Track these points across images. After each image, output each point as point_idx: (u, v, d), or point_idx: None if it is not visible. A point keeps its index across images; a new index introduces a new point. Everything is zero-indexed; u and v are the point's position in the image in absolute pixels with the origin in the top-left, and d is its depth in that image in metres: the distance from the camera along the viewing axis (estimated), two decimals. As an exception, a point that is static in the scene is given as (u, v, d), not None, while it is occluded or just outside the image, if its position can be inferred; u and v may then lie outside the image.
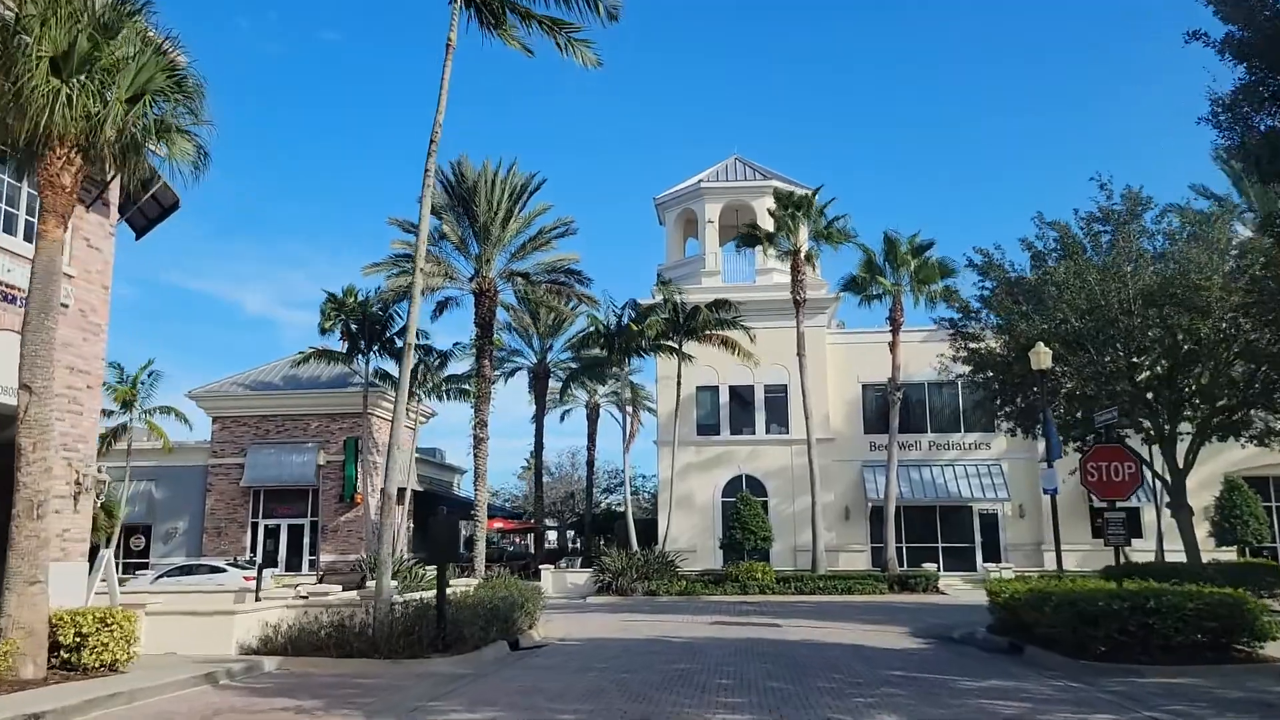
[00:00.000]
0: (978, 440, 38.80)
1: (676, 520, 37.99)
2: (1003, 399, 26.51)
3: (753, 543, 33.19)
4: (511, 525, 43.47)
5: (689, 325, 35.30)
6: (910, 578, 32.10)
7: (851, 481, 38.78)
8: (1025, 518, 37.87)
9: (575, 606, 28.86)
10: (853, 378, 39.54)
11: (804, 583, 31.79)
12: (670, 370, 36.56)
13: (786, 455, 38.65)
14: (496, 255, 34.79)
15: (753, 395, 39.47)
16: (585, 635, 19.72)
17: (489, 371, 34.48)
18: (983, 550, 37.93)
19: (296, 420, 40.11)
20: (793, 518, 38.04)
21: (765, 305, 39.07)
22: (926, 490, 37.65)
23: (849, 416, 39.41)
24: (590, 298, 35.35)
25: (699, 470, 38.95)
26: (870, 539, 38.39)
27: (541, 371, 48.58)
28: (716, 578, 32.72)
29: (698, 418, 39.63)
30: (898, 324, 34.72)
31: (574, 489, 62.07)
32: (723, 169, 42.21)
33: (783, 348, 38.71)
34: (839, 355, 39.58)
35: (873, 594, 31.19)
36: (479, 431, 34.20)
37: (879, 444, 39.03)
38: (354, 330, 36.70)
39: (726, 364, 39.34)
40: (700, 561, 37.62)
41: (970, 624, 19.50)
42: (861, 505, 38.50)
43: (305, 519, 39.77)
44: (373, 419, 40.28)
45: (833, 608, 26.53)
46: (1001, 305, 24.64)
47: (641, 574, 32.51)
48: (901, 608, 26.67)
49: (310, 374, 41.52)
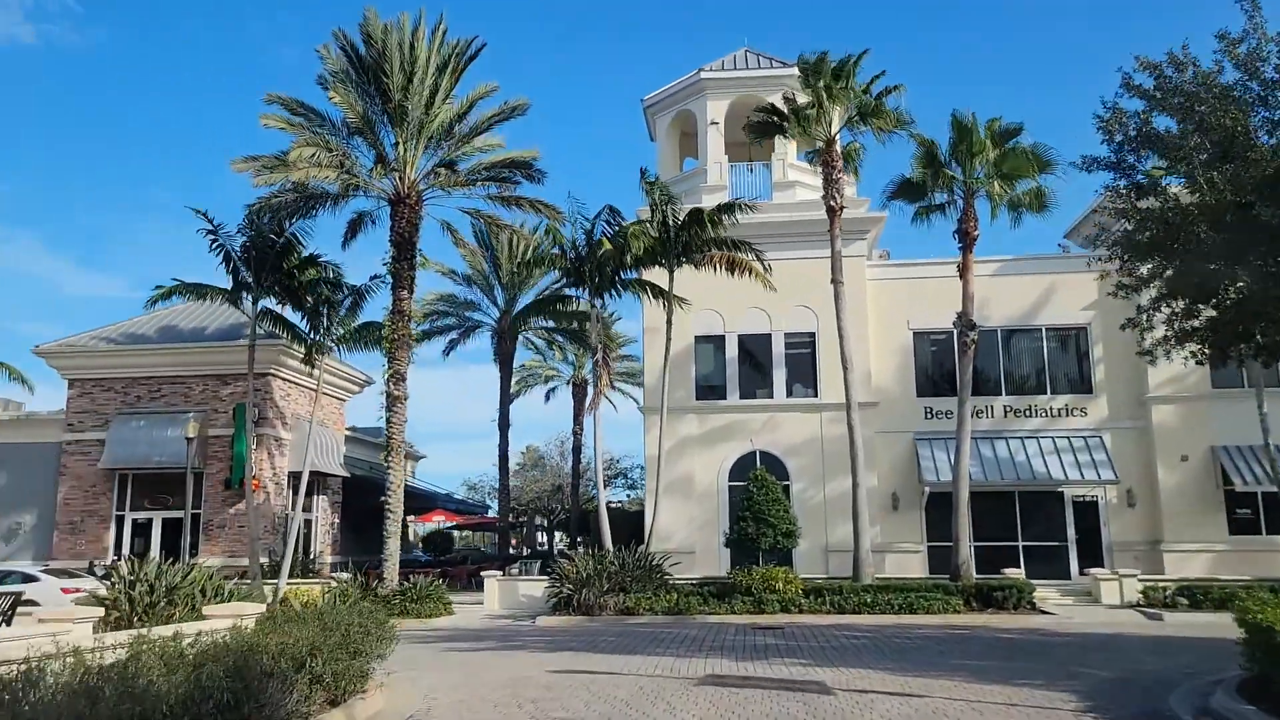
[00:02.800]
0: (1070, 404, 29.25)
1: (668, 511, 28.63)
2: (1195, 300, 16.41)
3: (770, 539, 23.76)
4: (457, 519, 34.25)
5: (685, 240, 25.85)
6: (993, 590, 22.62)
7: (901, 459, 29.30)
8: (1136, 506, 28.30)
9: (505, 635, 19.51)
10: (900, 323, 30.05)
11: (844, 597, 22.37)
12: (658, 318, 27.10)
13: (814, 424, 29.22)
14: (419, 150, 25.44)
15: (769, 347, 30.02)
16: (457, 716, 10.39)
17: (408, 306, 25.18)
18: (1078, 549, 28.39)
19: (175, 384, 30.88)
20: (822, 508, 28.62)
21: (786, 230, 29.66)
22: (1002, 470, 28.13)
23: (897, 374, 29.92)
24: (550, 207, 25.94)
25: (699, 446, 29.56)
26: (926, 535, 28.91)
27: (506, 330, 39.30)
28: (721, 588, 23.40)
29: (697, 377, 30.21)
30: (970, 238, 25.19)
31: (564, 481, 52.81)
32: (730, 60, 32.74)
33: (808, 284, 29.29)
34: (883, 295, 30.10)
35: (945, 613, 21.76)
36: (394, 387, 24.92)
37: (937, 409, 29.54)
38: (239, 259, 27.42)
39: (735, 305, 29.93)
40: (700, 565, 28.26)
41: (1168, 675, 10.77)
42: (914, 491, 29.04)
43: (185, 511, 30.48)
44: (273, 381, 31.01)
45: (901, 641, 17.11)
46: (1215, 121, 14.08)
47: (616, 583, 23.17)
48: (1008, 640, 17.24)
49: (194, 324, 32.29)
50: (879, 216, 29.68)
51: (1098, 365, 29.21)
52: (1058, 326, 29.66)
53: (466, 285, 40.52)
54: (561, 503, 55.85)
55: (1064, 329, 29.70)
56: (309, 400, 33.59)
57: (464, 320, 39.95)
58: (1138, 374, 28.67)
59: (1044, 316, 29.61)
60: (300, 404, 32.95)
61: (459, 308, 38.86)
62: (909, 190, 26.32)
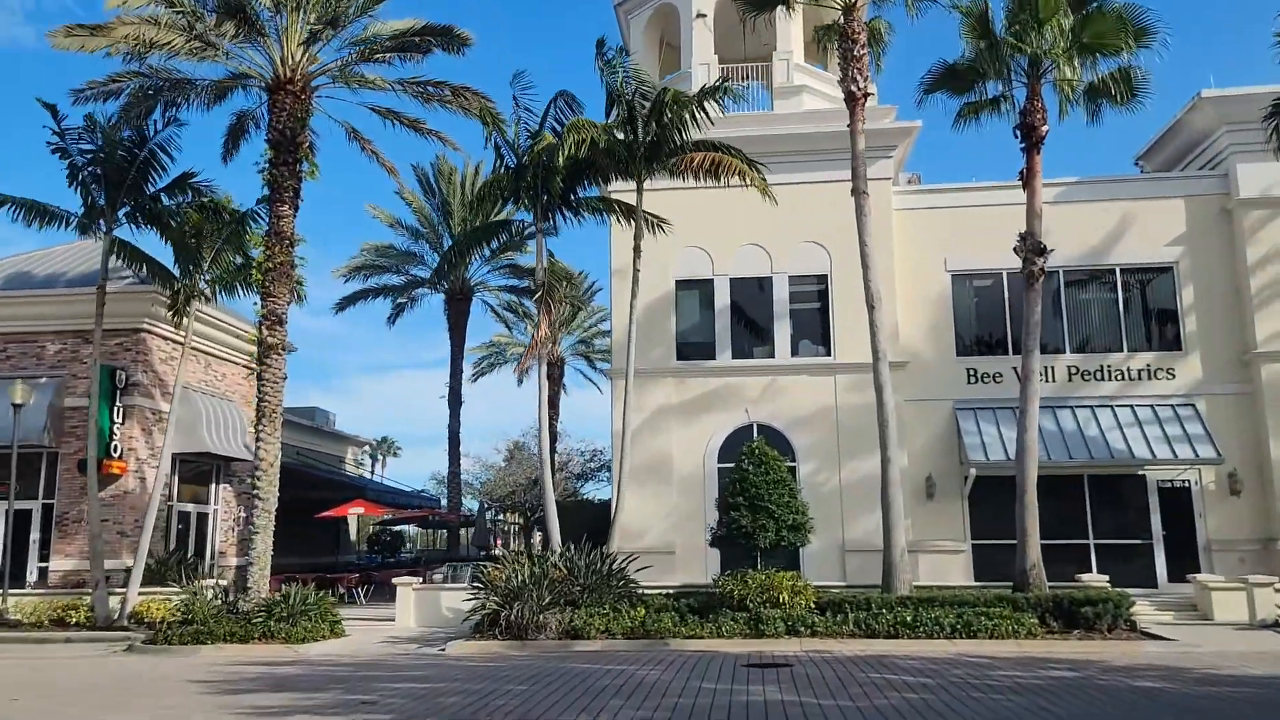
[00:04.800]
0: (1154, 364, 22.96)
1: (639, 501, 22.41)
2: None
3: (772, 534, 17.44)
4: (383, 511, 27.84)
5: (654, 139, 19.51)
6: (1077, 604, 16.33)
7: (937, 435, 23.04)
8: (1241, 494, 22.02)
9: (374, 679, 13.17)
10: (935, 263, 23.78)
11: (873, 614, 16.13)
12: (628, 255, 20.73)
13: (827, 391, 22.97)
14: (307, 16, 19.13)
15: (770, 294, 23.74)
16: None
17: (289, 228, 18.94)
18: (1166, 549, 22.12)
19: (24, 343, 24.59)
20: (837, 496, 22.38)
21: (790, 148, 23.43)
22: (1070, 448, 21.86)
23: (930, 329, 23.65)
24: (481, 96, 19.61)
25: (679, 419, 23.29)
26: (970, 530, 22.66)
27: (459, 289, 33.08)
28: (706, 600, 17.20)
29: (678, 332, 23.93)
30: (1036, 135, 18.86)
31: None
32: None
33: (819, 215, 23.14)
34: (914, 228, 23.83)
35: (1016, 637, 15.52)
36: (268, 332, 18.66)
37: (984, 371, 23.28)
38: (88, 174, 21.20)
39: (727, 241, 23.71)
40: (681, 569, 22.05)
41: None
42: (954, 474, 22.81)
43: (36, 501, 24.24)
44: (149, 339, 24.74)
45: (982, 694, 10.83)
46: None
47: (561, 595, 16.93)
48: (1148, 694, 10.95)
49: (52, 269, 26.03)
50: (909, 127, 23.42)
51: (1188, 315, 22.93)
52: (1136, 266, 23.38)
53: (414, 239, 34.32)
54: (538, 496, 49.56)
55: (1144, 270, 23.42)
56: (208, 368, 27.39)
57: (409, 278, 33.67)
58: (1241, 324, 22.46)
59: (1118, 254, 23.33)
60: (194, 371, 26.67)
61: (399, 260, 32.55)
62: (951, 80, 20.08)
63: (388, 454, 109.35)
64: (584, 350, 44.95)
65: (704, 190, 23.33)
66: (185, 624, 17.16)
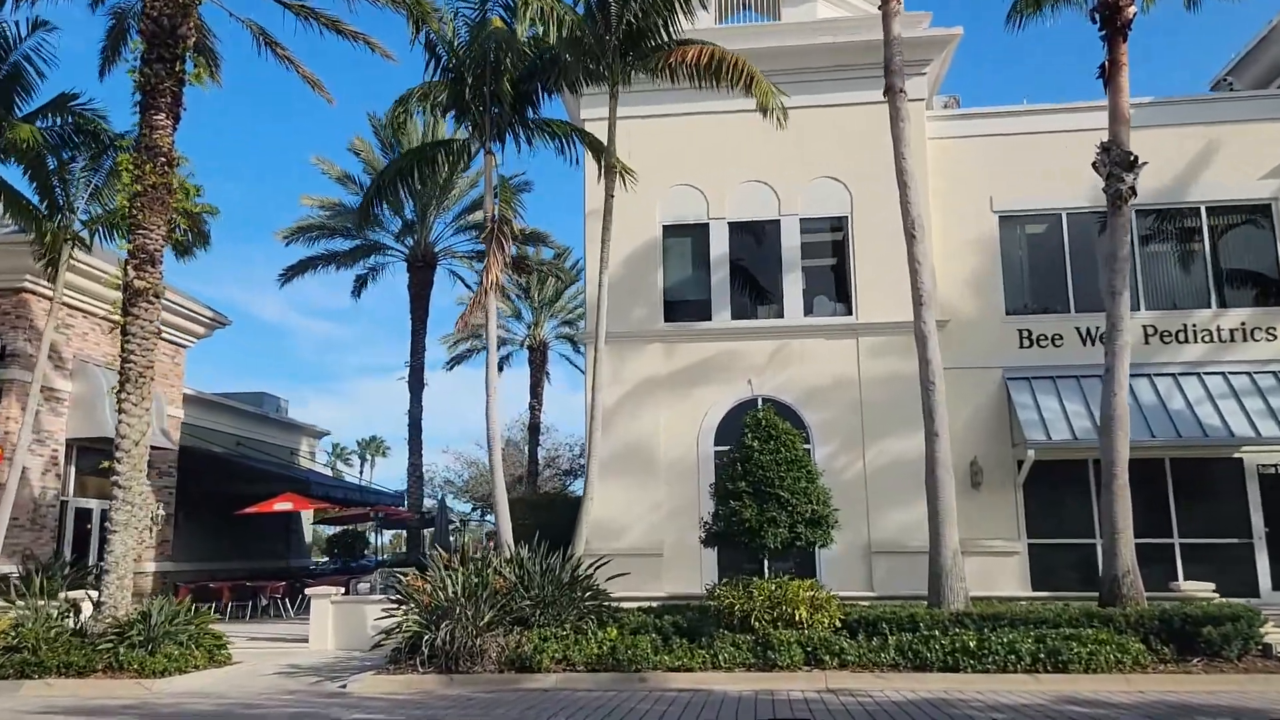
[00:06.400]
0: (1250, 322, 18.75)
1: (617, 492, 18.26)
2: None
3: (785, 530, 13.15)
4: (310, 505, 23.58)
5: (631, 26, 15.24)
6: (1193, 623, 12.10)
7: (983, 410, 18.86)
8: (1363, 481, 17.82)
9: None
10: (979, 203, 19.61)
11: (921, 638, 11.95)
12: (599, 199, 16.46)
13: (847, 357, 18.79)
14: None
15: (778, 241, 19.53)
16: None
17: (166, 142, 14.73)
18: (1269, 549, 17.89)
19: (-123, 304, 20.49)
20: (861, 485, 18.19)
21: (802, 65, 19.26)
22: (1152, 424, 17.62)
23: (972, 282, 19.47)
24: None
25: (669, 391, 19.10)
26: (1025, 528, 18.45)
27: (419, 257, 28.96)
28: (697, 617, 13.01)
29: (666, 288, 19.73)
30: (1121, 20, 14.58)
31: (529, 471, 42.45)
32: None
33: (837, 145, 19.06)
34: (951, 161, 19.66)
35: (1120, 669, 11.33)
36: (136, 274, 14.46)
37: (1040, 332, 19.10)
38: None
39: (725, 177, 19.55)
40: (670, 576, 17.90)
41: None
42: (1004, 458, 18.62)
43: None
44: (32, 302, 20.62)
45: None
46: None
47: (506, 611, 12.74)
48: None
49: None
50: (948, 35, 19.24)
51: (1292, 261, 18.79)
52: (1226, 204, 19.20)
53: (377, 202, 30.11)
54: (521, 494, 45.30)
55: (1236, 208, 19.25)
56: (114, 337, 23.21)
57: (364, 242, 29.49)
58: (1358, 273, 18.31)
59: (1203, 190, 19.16)
60: (94, 341, 22.54)
61: (349, 221, 28.37)
62: (1007, -42, 15.94)
63: (376, 454, 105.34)
64: (569, 333, 40.85)
65: (697, 116, 19.35)
66: (12, 650, 12.99)
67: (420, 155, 17.90)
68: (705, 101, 18.83)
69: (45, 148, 17.38)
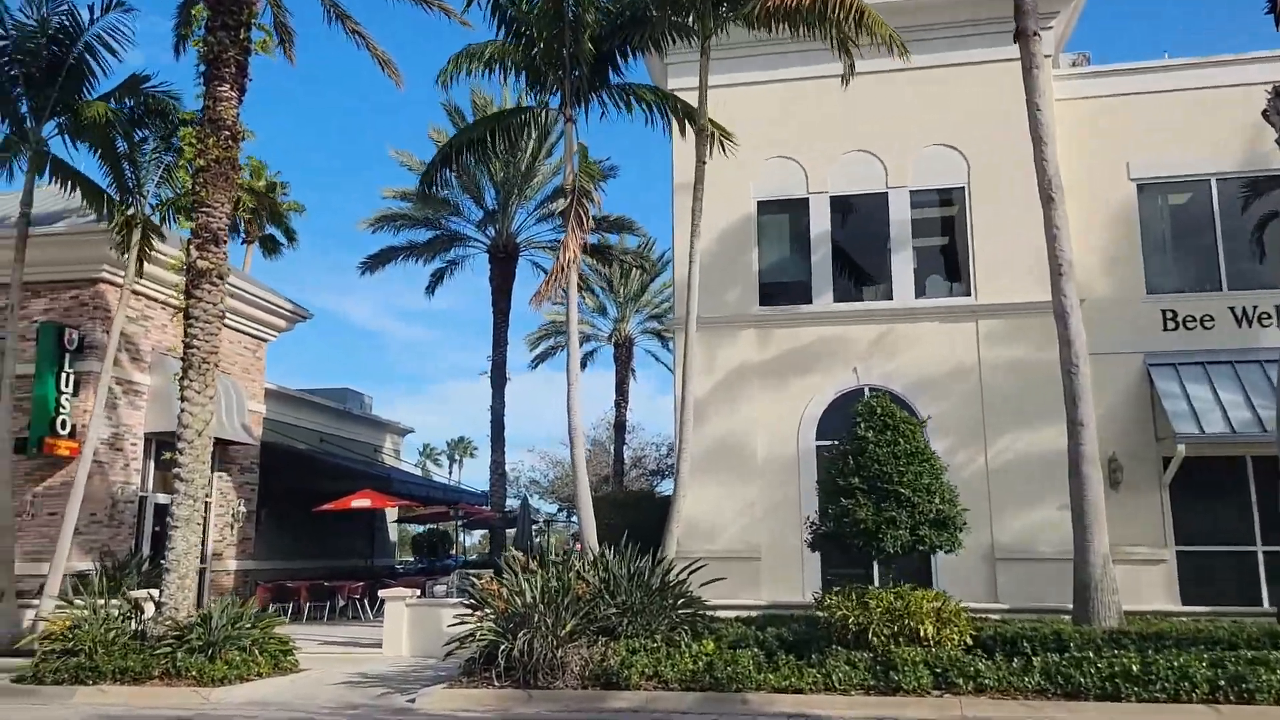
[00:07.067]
0: None
1: (710, 490, 16.80)
2: None
3: (906, 531, 11.48)
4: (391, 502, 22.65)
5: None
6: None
7: (1122, 400, 16.82)
8: None
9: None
10: (1114, 170, 17.56)
11: (1072, 659, 10.19)
12: (688, 172, 14.98)
13: (965, 342, 16.98)
14: None
15: (885, 216, 17.79)
16: None
17: (230, 114, 13.92)
18: None
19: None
20: (982, 484, 16.34)
21: (912, 24, 17.38)
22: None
23: (1107, 258, 17.43)
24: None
25: (764, 380, 17.56)
26: (1174, 532, 16.33)
27: (501, 247, 28.01)
28: (805, 630, 11.51)
29: (761, 269, 18.17)
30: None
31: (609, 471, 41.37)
32: None
33: (952, 108, 17.29)
34: (1081, 123, 17.63)
35: (1326, 705, 9.41)
36: (199, 254, 13.65)
37: (1188, 313, 16.96)
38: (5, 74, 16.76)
39: (826, 148, 17.94)
40: (768, 581, 16.38)
41: None
42: (1148, 454, 16.55)
43: (-25, 490, 19.83)
44: (108, 292, 20.20)
45: None
46: None
47: (590, 619, 11.43)
48: None
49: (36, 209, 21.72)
50: (1078, -17, 17.30)
51: None
52: None
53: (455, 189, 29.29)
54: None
55: None
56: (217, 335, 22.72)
57: (442, 232, 28.68)
58: None
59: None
60: (174, 333, 22.07)
61: (431, 209, 27.55)
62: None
63: (464, 454, 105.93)
64: (656, 328, 39.52)
65: (793, 83, 17.85)
66: (69, 654, 12.22)
67: (495, 122, 16.73)
68: (801, 66, 17.37)
69: (116, 127, 16.80)
